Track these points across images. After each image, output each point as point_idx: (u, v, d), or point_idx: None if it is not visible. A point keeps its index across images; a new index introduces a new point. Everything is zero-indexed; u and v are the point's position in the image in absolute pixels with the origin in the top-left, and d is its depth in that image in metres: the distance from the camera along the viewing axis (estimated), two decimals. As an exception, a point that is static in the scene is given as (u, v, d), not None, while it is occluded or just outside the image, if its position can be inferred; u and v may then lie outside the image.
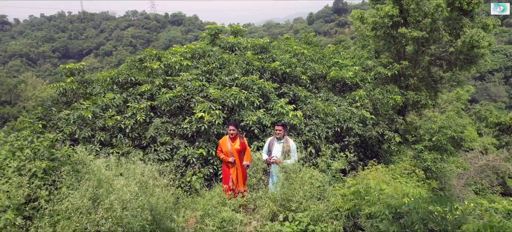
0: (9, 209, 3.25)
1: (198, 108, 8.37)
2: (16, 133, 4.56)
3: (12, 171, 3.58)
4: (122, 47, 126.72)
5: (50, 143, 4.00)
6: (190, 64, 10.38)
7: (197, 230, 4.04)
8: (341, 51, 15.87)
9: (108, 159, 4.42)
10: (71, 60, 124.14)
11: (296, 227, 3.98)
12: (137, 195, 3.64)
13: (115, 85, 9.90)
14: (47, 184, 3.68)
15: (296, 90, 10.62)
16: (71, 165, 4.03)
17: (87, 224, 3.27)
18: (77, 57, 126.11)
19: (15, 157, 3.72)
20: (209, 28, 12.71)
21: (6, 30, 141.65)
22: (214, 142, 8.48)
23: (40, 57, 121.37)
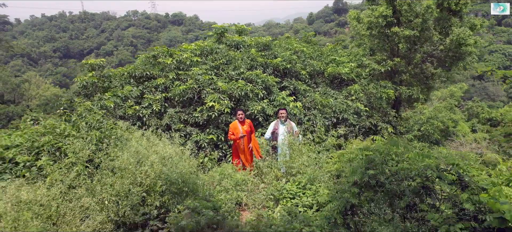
0: (78, 163, 4.25)
1: (209, 98, 9.39)
2: (74, 112, 5.59)
3: (76, 138, 4.60)
4: (123, 47, 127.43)
5: (100, 118, 5.01)
6: (200, 60, 11.41)
7: (216, 188, 5.04)
8: (338, 49, 16.87)
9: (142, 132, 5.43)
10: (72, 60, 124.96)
11: (296, 186, 4.98)
12: (170, 156, 4.65)
13: (132, 79, 10.92)
14: (100, 148, 4.70)
15: (296, 84, 11.63)
16: (115, 136, 5.05)
17: (136, 175, 4.28)
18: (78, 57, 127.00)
19: (75, 128, 4.71)
20: (215, 27, 13.73)
21: (7, 30, 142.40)
22: (222, 129, 9.50)
23: (41, 57, 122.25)
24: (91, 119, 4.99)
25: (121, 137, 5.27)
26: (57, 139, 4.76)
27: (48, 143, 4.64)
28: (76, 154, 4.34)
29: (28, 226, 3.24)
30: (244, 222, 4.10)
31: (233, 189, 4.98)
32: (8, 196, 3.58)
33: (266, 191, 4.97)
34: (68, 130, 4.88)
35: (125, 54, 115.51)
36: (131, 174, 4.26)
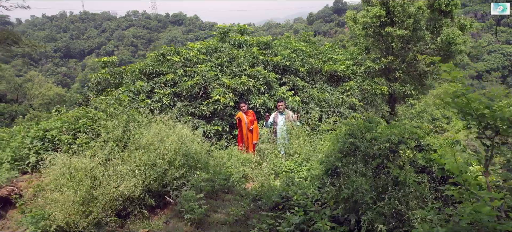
0: (110, 141, 5.10)
1: (215, 93, 10.24)
2: (102, 98, 6.44)
3: (106, 121, 5.45)
4: (123, 47, 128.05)
5: (126, 104, 5.85)
6: (205, 58, 12.26)
7: (226, 163, 5.88)
8: (335, 48, 17.71)
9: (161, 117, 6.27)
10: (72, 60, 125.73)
11: (294, 163, 5.80)
12: (187, 136, 5.49)
13: (142, 75, 11.77)
14: (127, 129, 5.54)
15: (295, 80, 12.47)
16: (138, 120, 5.91)
17: (160, 150, 5.12)
18: (78, 56, 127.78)
19: (105, 112, 5.54)
20: (219, 27, 14.58)
21: (9, 30, 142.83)
22: (226, 121, 10.34)
23: (42, 57, 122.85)
24: (117, 106, 5.84)
25: (143, 122, 6.13)
26: (91, 122, 5.61)
27: (84, 125, 5.49)
28: (108, 134, 5.19)
29: (81, 183, 4.09)
30: (250, 189, 4.93)
31: (239, 166, 5.82)
32: (60, 165, 4.43)
33: (267, 167, 5.80)
34: (99, 115, 5.74)
35: (125, 54, 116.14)
36: (155, 150, 5.10)
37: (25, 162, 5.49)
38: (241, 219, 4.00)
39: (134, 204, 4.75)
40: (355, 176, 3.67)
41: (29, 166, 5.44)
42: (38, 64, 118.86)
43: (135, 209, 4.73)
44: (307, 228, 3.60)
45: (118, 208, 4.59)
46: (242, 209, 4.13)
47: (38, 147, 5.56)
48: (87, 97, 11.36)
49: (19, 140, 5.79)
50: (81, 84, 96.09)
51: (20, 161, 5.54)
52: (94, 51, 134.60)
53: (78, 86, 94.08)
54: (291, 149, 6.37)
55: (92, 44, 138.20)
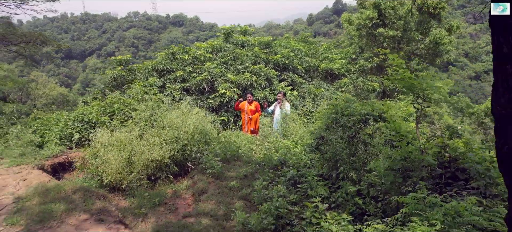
0: (142, 122, 6.29)
1: (221, 87, 11.44)
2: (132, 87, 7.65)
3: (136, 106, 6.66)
4: (124, 47, 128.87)
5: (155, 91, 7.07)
6: (211, 56, 13.46)
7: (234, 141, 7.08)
8: (332, 48, 18.92)
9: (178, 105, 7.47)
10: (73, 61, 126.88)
11: (290, 142, 6.98)
12: (203, 118, 6.70)
13: (154, 72, 12.96)
14: (154, 112, 6.75)
15: (294, 77, 13.67)
16: (161, 105, 7.11)
17: (181, 129, 6.31)
18: (79, 57, 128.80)
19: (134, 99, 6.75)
20: (223, 29, 15.80)
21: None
22: (231, 113, 11.54)
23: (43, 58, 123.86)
24: (144, 94, 7.05)
25: (165, 106, 7.35)
26: (123, 106, 6.82)
27: (118, 109, 6.69)
28: (139, 115, 6.39)
29: (124, 150, 5.29)
30: (255, 157, 6.13)
31: (246, 143, 7.02)
32: (106, 137, 5.63)
33: (269, 145, 6.98)
34: (128, 101, 6.94)
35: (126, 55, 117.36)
36: (178, 128, 6.30)
37: (69, 139, 6.69)
38: (249, 175, 5.18)
39: (162, 170, 5.94)
40: (335, 142, 4.87)
41: (73, 142, 6.64)
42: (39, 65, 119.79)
43: (162, 175, 5.92)
44: (299, 180, 4.79)
45: (149, 173, 5.78)
46: (250, 169, 5.31)
47: (80, 127, 6.77)
48: (104, 92, 12.56)
49: (62, 123, 6.99)
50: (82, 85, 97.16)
51: (65, 139, 6.74)
52: (95, 52, 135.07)
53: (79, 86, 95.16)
54: (288, 132, 7.56)
55: (93, 45, 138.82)
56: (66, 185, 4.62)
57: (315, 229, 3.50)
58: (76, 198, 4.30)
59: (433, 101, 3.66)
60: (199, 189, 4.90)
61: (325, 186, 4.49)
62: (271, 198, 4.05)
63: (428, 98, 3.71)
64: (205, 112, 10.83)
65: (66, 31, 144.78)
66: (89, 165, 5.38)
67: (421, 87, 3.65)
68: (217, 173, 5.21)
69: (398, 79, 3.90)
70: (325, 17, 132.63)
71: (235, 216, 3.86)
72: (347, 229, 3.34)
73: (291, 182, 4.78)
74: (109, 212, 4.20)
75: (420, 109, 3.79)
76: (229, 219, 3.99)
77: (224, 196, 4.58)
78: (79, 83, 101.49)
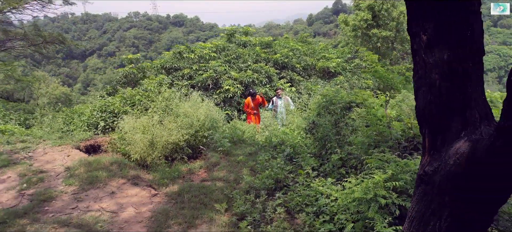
0: (159, 111, 7.30)
1: (225, 84, 12.44)
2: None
3: (154, 97, 7.67)
4: (125, 48, 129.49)
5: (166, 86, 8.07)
6: (216, 55, 14.47)
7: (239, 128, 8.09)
8: (329, 48, 19.93)
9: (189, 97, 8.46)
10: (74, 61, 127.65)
11: (289, 130, 7.98)
12: (213, 108, 7.70)
13: (163, 70, 13.97)
14: (168, 103, 7.74)
15: (292, 75, 14.67)
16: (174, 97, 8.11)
17: (194, 117, 7.31)
18: (80, 57, 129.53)
19: (151, 92, 7.75)
20: (226, 29, 16.81)
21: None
22: (235, 107, 12.53)
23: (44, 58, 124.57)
24: (158, 87, 8.05)
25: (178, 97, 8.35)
26: (143, 98, 7.82)
27: (138, 100, 7.70)
28: (157, 105, 7.40)
29: (147, 133, 6.29)
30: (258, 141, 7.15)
31: (249, 130, 8.03)
32: (130, 123, 6.63)
33: (270, 132, 7.97)
34: (147, 94, 7.94)
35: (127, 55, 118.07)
36: (191, 115, 7.30)
37: (95, 126, 7.70)
38: (253, 153, 6.17)
39: (177, 152, 6.94)
40: (324, 125, 5.88)
41: (99, 129, 7.65)
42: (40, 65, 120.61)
43: (178, 156, 6.92)
44: (294, 156, 5.80)
45: (167, 154, 6.78)
46: (254, 148, 6.31)
47: (104, 116, 7.77)
48: (116, 88, 13.56)
49: (88, 113, 7.99)
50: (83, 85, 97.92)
51: (91, 126, 7.74)
52: (95, 52, 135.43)
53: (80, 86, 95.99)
54: (287, 121, 8.57)
55: (93, 45, 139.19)
56: (103, 159, 5.61)
57: (305, 188, 4.49)
58: (113, 168, 5.29)
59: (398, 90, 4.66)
60: (212, 162, 5.90)
61: (316, 160, 5.50)
62: (272, 167, 5.05)
63: (395, 87, 4.71)
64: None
65: (67, 31, 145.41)
66: (118, 145, 6.38)
67: (388, 78, 4.65)
68: (227, 151, 6.22)
69: (372, 72, 4.89)
70: (325, 17, 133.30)
71: (243, 180, 4.85)
72: (330, 187, 4.34)
73: (288, 158, 5.77)
74: (141, 178, 5.19)
75: (388, 96, 4.79)
76: (238, 182, 4.98)
77: (233, 167, 5.58)
78: (80, 83, 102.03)
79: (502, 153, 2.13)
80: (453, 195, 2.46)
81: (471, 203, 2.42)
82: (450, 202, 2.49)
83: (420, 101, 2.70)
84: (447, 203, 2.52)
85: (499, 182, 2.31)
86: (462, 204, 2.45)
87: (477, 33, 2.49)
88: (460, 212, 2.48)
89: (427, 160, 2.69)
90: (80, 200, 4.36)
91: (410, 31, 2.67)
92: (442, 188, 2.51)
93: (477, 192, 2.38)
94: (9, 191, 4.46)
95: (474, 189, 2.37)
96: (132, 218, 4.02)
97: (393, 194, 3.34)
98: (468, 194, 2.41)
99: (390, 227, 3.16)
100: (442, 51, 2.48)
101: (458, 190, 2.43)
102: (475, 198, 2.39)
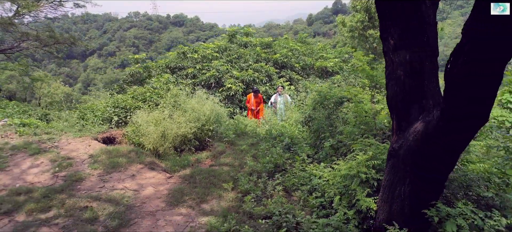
0: (169, 106, 7.98)
1: (228, 82, 13.12)
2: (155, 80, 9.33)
3: (163, 94, 8.34)
4: (125, 47, 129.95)
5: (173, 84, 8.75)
6: (218, 55, 15.15)
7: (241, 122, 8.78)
8: (327, 48, 20.60)
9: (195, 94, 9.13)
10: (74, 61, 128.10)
11: (288, 124, 8.66)
12: (217, 103, 8.39)
13: (168, 69, 14.64)
14: (176, 100, 8.42)
15: (291, 74, 15.35)
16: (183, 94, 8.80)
17: (200, 112, 7.99)
18: (80, 57, 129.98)
19: (160, 89, 8.44)
20: (228, 30, 17.49)
21: (11, 31, 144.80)
22: (237, 104, 13.21)
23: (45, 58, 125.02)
24: (167, 85, 8.74)
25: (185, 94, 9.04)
26: (153, 95, 8.50)
27: (149, 96, 8.38)
28: (166, 101, 8.08)
29: (157, 123, 6.97)
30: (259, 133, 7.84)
31: (251, 124, 8.72)
32: (142, 117, 7.31)
33: (270, 127, 8.65)
34: (157, 91, 8.62)
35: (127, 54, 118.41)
36: (198, 110, 7.98)
37: (109, 121, 8.37)
38: (255, 143, 6.86)
39: (185, 143, 7.61)
40: (319, 118, 6.57)
41: (112, 123, 8.32)
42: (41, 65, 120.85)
43: (186, 147, 7.59)
44: (292, 146, 6.48)
45: (176, 145, 7.46)
46: (255, 140, 6.99)
47: (117, 111, 8.46)
48: (122, 87, 14.24)
49: (102, 109, 8.67)
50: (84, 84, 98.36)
51: (105, 121, 8.42)
52: (95, 52, 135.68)
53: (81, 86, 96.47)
54: (286, 116, 9.26)
55: (94, 45, 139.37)
56: (121, 148, 6.29)
57: (301, 171, 5.18)
58: (131, 156, 5.96)
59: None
60: (219, 151, 6.58)
61: (311, 149, 6.18)
62: (272, 154, 5.73)
63: (380, 83, 5.40)
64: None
65: (67, 31, 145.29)
66: (133, 137, 7.06)
67: (373, 75, 5.34)
68: (231, 141, 6.90)
69: (361, 70, 5.58)
70: (325, 17, 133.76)
71: (247, 165, 5.53)
72: (322, 170, 5.03)
73: (286, 147, 6.46)
74: (156, 164, 5.87)
75: (374, 91, 5.47)
76: (242, 167, 5.66)
77: (237, 154, 6.26)
78: (80, 83, 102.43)
79: (444, 130, 2.83)
80: (412, 165, 3.16)
81: (425, 171, 3.11)
82: (410, 171, 3.20)
83: (389, 92, 3.40)
84: (408, 172, 3.22)
85: (444, 155, 3.00)
86: (419, 172, 3.15)
87: (432, 39, 3.20)
88: (418, 178, 3.17)
89: (395, 139, 3.39)
90: (105, 181, 5.03)
91: (382, 36, 3.37)
92: (405, 160, 3.21)
93: (429, 162, 3.07)
94: (45, 173, 5.13)
95: (427, 160, 3.07)
96: (152, 195, 4.70)
97: (372, 171, 4.02)
98: (423, 164, 3.10)
99: (369, 197, 3.85)
100: (405, 53, 3.18)
101: (416, 161, 3.13)
102: (428, 167, 3.08)
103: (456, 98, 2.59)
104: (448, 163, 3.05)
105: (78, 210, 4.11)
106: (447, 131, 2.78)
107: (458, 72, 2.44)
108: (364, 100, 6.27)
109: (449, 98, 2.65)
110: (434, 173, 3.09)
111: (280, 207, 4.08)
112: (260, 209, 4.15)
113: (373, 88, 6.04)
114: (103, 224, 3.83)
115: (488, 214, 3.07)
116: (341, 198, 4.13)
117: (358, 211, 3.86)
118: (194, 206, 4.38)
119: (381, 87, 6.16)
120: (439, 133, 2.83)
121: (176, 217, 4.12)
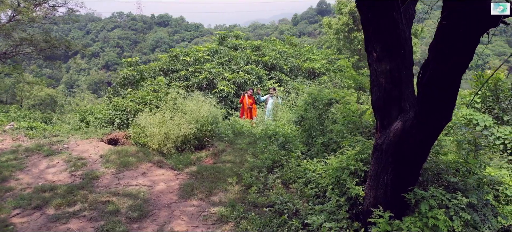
0: (168, 109, 8.45)
1: (220, 84, 13.65)
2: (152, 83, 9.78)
3: (162, 97, 8.82)
4: (109, 48, 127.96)
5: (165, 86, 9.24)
6: (210, 58, 15.65)
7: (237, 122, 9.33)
8: (314, 49, 21.38)
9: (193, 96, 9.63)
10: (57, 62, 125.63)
11: (280, 123, 9.27)
12: (214, 105, 8.93)
13: (160, 72, 15.05)
14: (175, 102, 8.90)
15: (280, 75, 16.00)
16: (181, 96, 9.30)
17: (198, 114, 8.50)
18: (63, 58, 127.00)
19: (158, 92, 8.94)
20: (219, 33, 18.01)
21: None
22: (229, 105, 13.75)
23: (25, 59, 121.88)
24: (166, 89, 9.22)
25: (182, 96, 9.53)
26: (152, 98, 8.97)
27: (149, 99, 8.84)
28: (166, 104, 8.56)
29: (160, 125, 7.45)
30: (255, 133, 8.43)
31: (246, 124, 9.30)
32: (143, 119, 7.77)
33: (263, 127, 9.24)
34: (156, 94, 9.09)
35: (111, 55, 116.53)
36: (197, 112, 8.50)
37: (111, 123, 8.79)
38: (252, 142, 7.45)
39: (185, 143, 8.12)
40: (310, 118, 7.21)
41: (115, 126, 8.74)
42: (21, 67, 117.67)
43: (187, 147, 8.10)
44: (286, 144, 7.09)
45: (177, 145, 7.96)
46: (252, 139, 7.58)
47: (119, 114, 8.88)
48: (117, 90, 14.56)
49: (103, 112, 9.07)
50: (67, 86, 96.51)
51: (107, 123, 8.83)
52: (78, 52, 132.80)
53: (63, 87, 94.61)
54: (277, 117, 9.89)
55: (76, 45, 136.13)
56: (129, 149, 6.75)
57: (296, 166, 5.79)
58: (140, 155, 6.44)
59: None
60: (220, 149, 7.14)
61: (304, 146, 6.81)
62: (269, 151, 6.33)
63: (363, 86, 6.08)
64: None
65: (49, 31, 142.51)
66: (137, 138, 7.53)
67: (359, 79, 6.01)
68: (231, 140, 7.47)
69: (346, 75, 6.24)
70: (310, 17, 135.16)
71: (247, 161, 6.11)
72: (316, 165, 5.66)
73: (281, 145, 7.07)
74: (164, 162, 6.38)
75: (360, 93, 6.15)
76: (243, 163, 6.23)
77: (237, 152, 6.83)
78: (63, 84, 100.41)
79: (418, 127, 3.49)
80: (393, 157, 3.82)
81: (404, 162, 3.77)
82: (392, 162, 3.85)
83: (373, 96, 4.05)
84: (390, 163, 3.87)
85: (418, 148, 3.67)
86: (399, 163, 3.80)
87: (408, 53, 3.87)
88: (398, 168, 3.83)
89: (378, 135, 4.05)
90: (120, 178, 5.51)
91: (367, 49, 4.01)
92: (387, 153, 3.86)
93: (407, 154, 3.73)
94: (62, 173, 5.56)
95: (405, 152, 3.73)
96: (164, 190, 5.21)
97: (360, 164, 4.67)
98: (402, 156, 3.76)
99: (357, 185, 4.49)
100: (386, 64, 3.84)
101: (396, 153, 3.78)
102: (406, 158, 3.74)
103: (425, 102, 3.25)
104: (422, 154, 3.72)
105: (101, 204, 4.59)
106: (420, 128, 3.44)
107: (426, 83, 3.09)
108: (351, 102, 6.95)
109: (420, 101, 3.31)
110: (411, 163, 3.76)
111: (281, 197, 4.67)
112: (263, 199, 4.74)
113: (359, 90, 6.73)
114: (125, 216, 4.34)
115: (454, 196, 3.75)
116: (334, 188, 4.77)
117: (349, 198, 4.50)
118: (204, 198, 4.93)
119: (366, 89, 6.85)
120: (414, 130, 3.48)
121: (189, 208, 4.66)
